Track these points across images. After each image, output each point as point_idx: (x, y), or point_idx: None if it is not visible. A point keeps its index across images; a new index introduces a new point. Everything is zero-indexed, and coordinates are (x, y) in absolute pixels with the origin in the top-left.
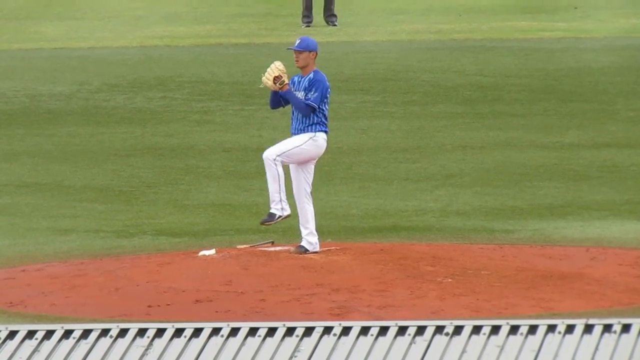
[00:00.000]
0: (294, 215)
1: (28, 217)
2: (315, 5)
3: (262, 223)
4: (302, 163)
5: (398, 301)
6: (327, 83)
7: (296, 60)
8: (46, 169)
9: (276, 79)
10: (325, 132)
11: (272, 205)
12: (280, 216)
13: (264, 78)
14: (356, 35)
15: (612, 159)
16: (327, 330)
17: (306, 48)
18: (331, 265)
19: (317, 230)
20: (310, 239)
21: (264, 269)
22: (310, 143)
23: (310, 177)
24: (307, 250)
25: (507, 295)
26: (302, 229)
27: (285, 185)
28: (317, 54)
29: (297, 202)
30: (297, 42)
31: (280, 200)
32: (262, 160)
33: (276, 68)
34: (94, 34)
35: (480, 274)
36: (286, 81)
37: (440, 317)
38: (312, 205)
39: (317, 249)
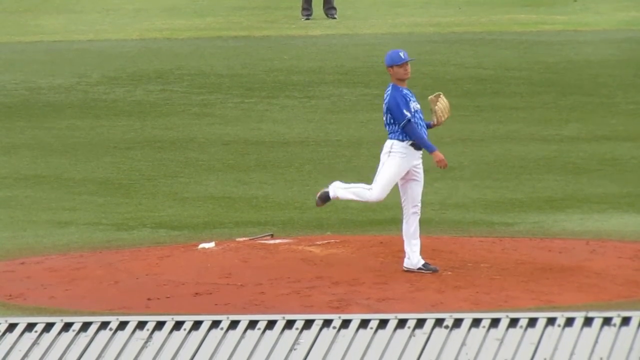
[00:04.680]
0: (298, 208)
1: (27, 210)
2: None
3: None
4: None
5: (397, 294)
6: None
7: (407, 73)
8: (46, 161)
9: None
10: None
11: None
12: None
13: (445, 115)
14: (356, 28)
15: (612, 151)
16: (327, 323)
17: None
18: (331, 258)
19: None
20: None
21: (263, 262)
22: None
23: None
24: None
25: (507, 288)
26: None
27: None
28: None
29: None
30: (402, 54)
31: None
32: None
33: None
34: (94, 26)
35: (480, 266)
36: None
37: (440, 310)
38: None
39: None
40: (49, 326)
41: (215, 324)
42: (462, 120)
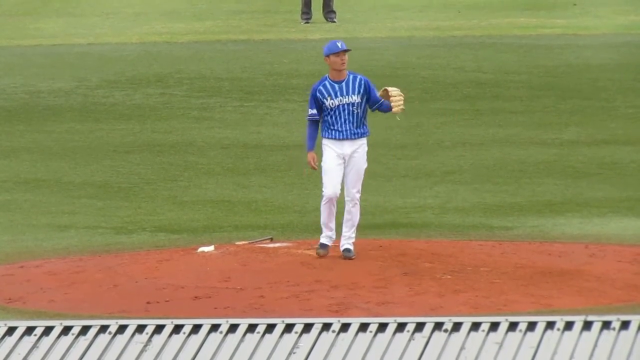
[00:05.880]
0: (297, 212)
1: (27, 214)
2: (314, 1)
3: (351, 258)
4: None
5: (397, 298)
6: None
7: (343, 63)
8: (45, 165)
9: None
10: None
11: (349, 242)
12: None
13: (400, 106)
14: (355, 32)
15: (611, 155)
16: (326, 326)
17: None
18: (330, 262)
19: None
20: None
21: (262, 266)
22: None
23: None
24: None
25: (506, 292)
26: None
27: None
28: None
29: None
30: (339, 44)
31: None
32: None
33: (399, 95)
34: (93, 30)
35: (479, 270)
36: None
37: (439, 313)
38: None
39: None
40: (48, 330)
41: (215, 327)
42: (461, 124)
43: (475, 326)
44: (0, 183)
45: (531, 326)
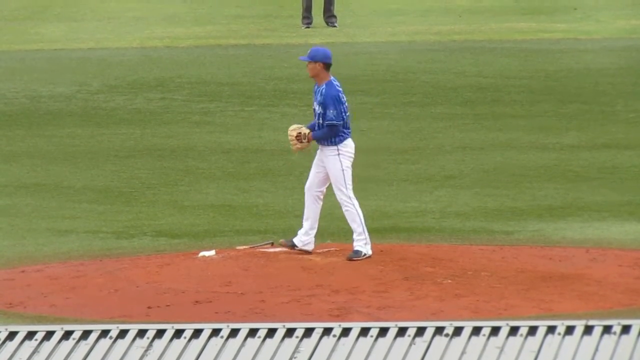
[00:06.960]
0: (298, 216)
1: (28, 218)
2: (315, 6)
3: (350, 259)
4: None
5: (398, 302)
6: (338, 93)
7: (308, 71)
8: (46, 170)
9: (299, 137)
10: (346, 136)
11: (360, 244)
12: (365, 254)
13: (293, 147)
14: (356, 37)
15: (612, 160)
16: (327, 331)
17: (312, 59)
18: (331, 267)
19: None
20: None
21: (263, 270)
22: (344, 156)
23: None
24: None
25: (507, 296)
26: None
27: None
28: (325, 65)
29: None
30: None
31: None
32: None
33: (292, 131)
34: (94, 35)
35: (480, 275)
36: (306, 131)
37: (440, 318)
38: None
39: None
40: (49, 334)
41: (216, 332)
42: (462, 129)
43: (476, 330)
44: (0, 188)
45: (532, 331)
